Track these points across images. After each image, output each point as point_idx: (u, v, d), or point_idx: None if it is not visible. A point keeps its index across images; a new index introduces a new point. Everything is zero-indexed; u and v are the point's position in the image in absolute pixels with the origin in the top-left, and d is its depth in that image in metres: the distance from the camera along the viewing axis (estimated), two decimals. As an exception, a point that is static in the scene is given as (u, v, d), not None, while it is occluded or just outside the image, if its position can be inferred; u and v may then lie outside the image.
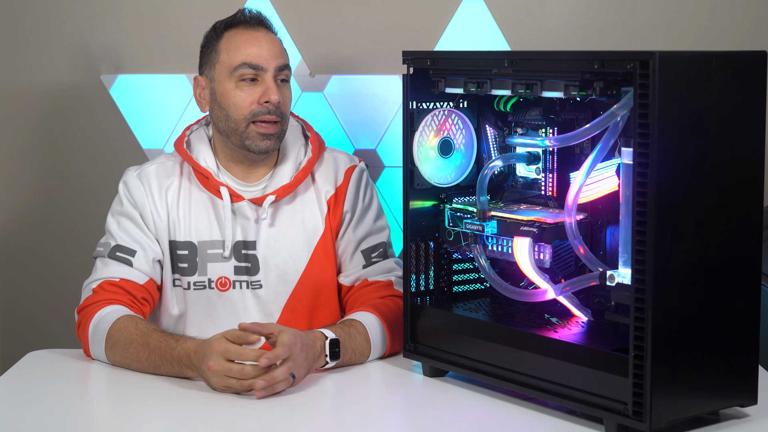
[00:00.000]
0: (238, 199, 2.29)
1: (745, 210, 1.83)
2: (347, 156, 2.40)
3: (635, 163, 1.74)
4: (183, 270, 2.29)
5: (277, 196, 2.29)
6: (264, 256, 2.29)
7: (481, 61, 2.04)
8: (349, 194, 2.34)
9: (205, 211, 2.30)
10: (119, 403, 2.05)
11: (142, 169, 2.34)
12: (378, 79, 2.87)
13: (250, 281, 2.29)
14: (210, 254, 2.29)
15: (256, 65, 2.24)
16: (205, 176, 2.29)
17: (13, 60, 2.92)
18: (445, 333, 2.09)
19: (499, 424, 1.89)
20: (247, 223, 2.29)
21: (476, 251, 2.12)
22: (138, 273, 2.26)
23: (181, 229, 2.29)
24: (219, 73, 2.27)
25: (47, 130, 2.95)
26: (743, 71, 1.80)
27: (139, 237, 2.28)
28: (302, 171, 2.31)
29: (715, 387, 1.82)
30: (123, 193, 2.32)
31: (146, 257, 2.27)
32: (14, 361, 2.28)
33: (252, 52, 2.25)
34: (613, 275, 1.84)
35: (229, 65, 2.25)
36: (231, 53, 2.26)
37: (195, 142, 2.35)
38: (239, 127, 2.25)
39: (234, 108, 2.25)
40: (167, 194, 2.30)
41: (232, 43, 2.27)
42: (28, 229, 2.98)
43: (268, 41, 2.28)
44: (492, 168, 2.10)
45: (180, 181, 2.32)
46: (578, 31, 2.86)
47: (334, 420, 1.96)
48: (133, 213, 2.29)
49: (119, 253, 2.27)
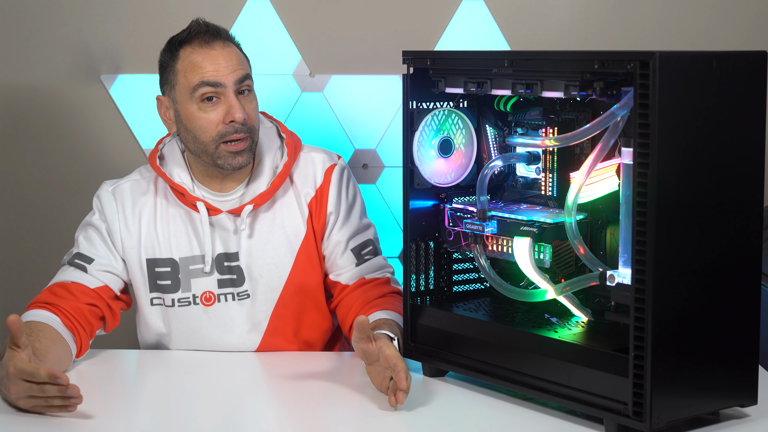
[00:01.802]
0: (216, 212, 2.27)
1: (745, 210, 1.83)
2: (325, 154, 2.36)
3: (635, 163, 1.74)
4: (165, 288, 2.28)
5: (255, 205, 2.27)
6: (247, 266, 2.28)
7: (481, 61, 2.04)
8: (331, 195, 2.31)
9: (183, 227, 2.28)
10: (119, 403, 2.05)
11: (117, 185, 2.32)
12: (378, 79, 2.87)
13: (237, 292, 2.28)
14: (192, 270, 2.27)
15: (215, 82, 2.19)
16: (181, 192, 2.27)
17: (13, 60, 2.92)
18: (445, 333, 2.09)
19: (499, 424, 1.89)
20: (227, 235, 2.28)
21: (476, 251, 2.12)
22: (90, 278, 2.24)
23: (160, 246, 2.27)
24: (180, 95, 2.23)
25: (47, 130, 2.95)
26: (743, 71, 1.80)
27: (101, 248, 2.27)
28: (279, 176, 2.28)
29: (715, 387, 1.82)
30: (95, 205, 2.32)
31: (102, 266, 2.25)
32: (14, 361, 2.28)
33: (209, 70, 2.20)
34: (613, 275, 1.84)
35: (189, 86, 2.20)
36: (188, 74, 2.21)
37: (168, 158, 2.32)
38: (209, 148, 2.22)
39: (200, 131, 2.21)
40: (141, 213, 2.28)
41: (188, 64, 2.21)
42: (27, 228, 2.98)
43: (225, 56, 2.22)
44: (492, 168, 2.10)
45: (155, 199, 2.30)
46: (578, 31, 2.86)
47: (334, 420, 1.96)
48: (100, 225, 2.29)
49: (77, 260, 2.26)
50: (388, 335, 2.09)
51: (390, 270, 2.33)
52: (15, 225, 2.98)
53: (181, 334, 2.29)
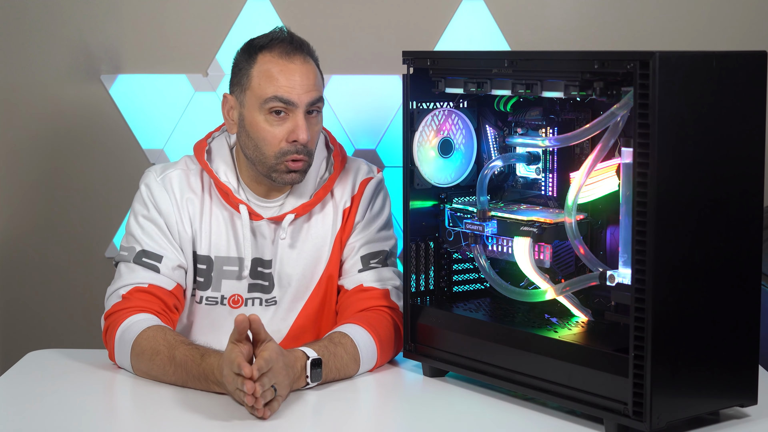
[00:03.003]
0: (258, 218, 2.24)
1: (745, 210, 1.83)
2: (367, 167, 2.34)
3: (635, 163, 1.74)
4: (199, 284, 2.26)
5: (297, 215, 2.25)
6: (279, 273, 2.26)
7: (481, 61, 2.04)
8: (361, 205, 2.29)
9: (224, 227, 2.26)
10: (119, 402, 2.05)
11: (165, 174, 2.27)
12: (378, 79, 2.87)
13: (265, 299, 2.27)
14: (225, 271, 2.25)
15: (288, 100, 2.16)
16: (225, 192, 2.24)
17: (13, 60, 2.92)
18: (445, 333, 2.09)
19: (499, 424, 1.89)
20: (264, 242, 2.26)
21: (476, 251, 2.12)
22: (166, 279, 2.20)
23: (202, 242, 2.25)
24: (249, 101, 2.20)
25: (47, 130, 2.95)
26: (743, 71, 1.80)
27: (164, 243, 2.22)
28: (323, 189, 2.27)
29: (715, 387, 1.82)
30: (147, 196, 2.26)
31: (172, 263, 2.21)
32: (14, 361, 2.28)
33: (284, 85, 2.16)
34: (613, 275, 1.84)
35: (261, 96, 2.17)
36: (263, 83, 2.17)
37: (216, 154, 2.29)
38: (268, 161, 2.19)
39: (263, 142, 2.19)
40: (189, 206, 2.25)
41: (264, 72, 2.17)
42: (27, 228, 2.98)
43: (303, 73, 2.18)
44: (492, 168, 2.10)
45: (202, 194, 2.27)
46: (578, 31, 2.86)
47: (334, 420, 1.96)
48: (158, 219, 2.24)
49: (145, 258, 2.21)
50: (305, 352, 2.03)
51: (395, 284, 2.27)
52: (15, 225, 2.98)
53: (202, 328, 2.27)
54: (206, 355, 2.02)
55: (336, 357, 2.07)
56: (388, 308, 2.22)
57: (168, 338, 2.07)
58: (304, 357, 2.02)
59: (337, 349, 2.08)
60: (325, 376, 2.05)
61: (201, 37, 2.90)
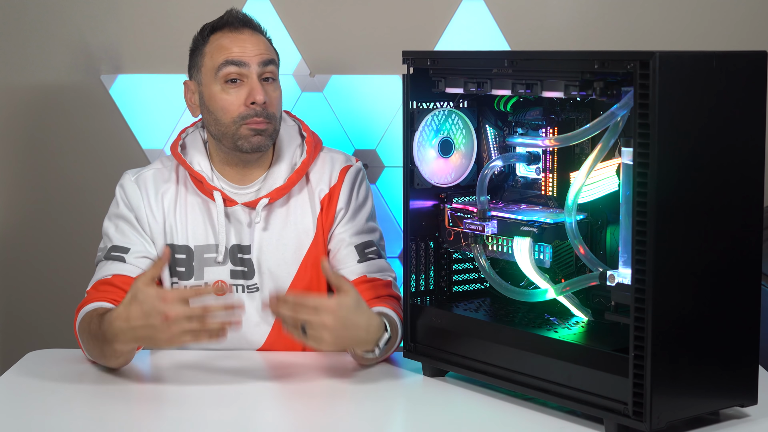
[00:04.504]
0: (232, 203, 2.29)
1: (745, 210, 1.83)
2: (344, 156, 2.39)
3: (635, 163, 1.74)
4: (180, 274, 2.29)
5: (270, 199, 2.28)
6: (258, 260, 2.29)
7: (481, 61, 2.04)
8: (342, 193, 2.32)
9: (201, 215, 2.30)
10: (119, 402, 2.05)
11: (140, 173, 2.34)
12: (378, 79, 2.87)
13: (247, 285, 2.29)
14: (206, 258, 2.29)
15: (239, 61, 2.22)
16: (199, 180, 2.29)
17: (13, 60, 2.92)
18: (445, 333, 2.09)
19: (499, 424, 1.90)
20: (240, 227, 2.29)
21: (476, 251, 2.12)
22: (130, 267, 2.25)
23: (178, 233, 2.29)
24: (205, 77, 2.27)
25: (47, 130, 2.95)
26: (743, 71, 1.80)
27: (134, 237, 2.28)
28: (296, 172, 2.30)
29: (715, 387, 1.82)
30: (120, 196, 2.33)
31: (139, 253, 2.27)
32: (14, 361, 2.28)
33: (235, 51, 2.23)
34: (613, 275, 1.84)
35: (214, 66, 2.24)
36: (215, 54, 2.25)
37: (190, 146, 2.34)
38: (229, 129, 2.24)
39: (222, 111, 2.24)
40: (164, 199, 2.30)
41: (215, 46, 2.26)
42: (27, 228, 2.98)
43: (253, 40, 2.26)
44: (492, 168, 2.10)
45: (176, 187, 2.32)
46: (578, 31, 2.86)
47: (334, 420, 1.96)
48: (128, 215, 2.30)
49: (114, 252, 2.27)
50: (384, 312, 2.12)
51: (393, 275, 2.32)
52: (15, 225, 2.98)
53: None
54: (105, 315, 2.05)
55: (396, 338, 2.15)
56: (395, 298, 2.26)
57: (92, 316, 2.11)
58: (382, 330, 2.09)
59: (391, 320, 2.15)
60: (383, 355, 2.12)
61: (201, 37, 2.90)
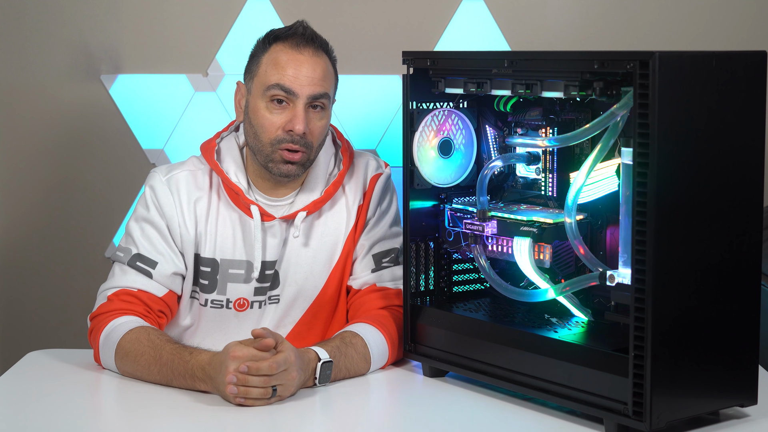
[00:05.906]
0: (269, 218, 2.21)
1: (745, 210, 1.83)
2: (376, 162, 2.32)
3: (635, 163, 1.74)
4: (203, 286, 2.24)
5: (308, 212, 2.23)
6: (285, 272, 2.24)
7: (481, 61, 2.04)
8: (372, 202, 2.28)
9: (231, 229, 2.23)
10: (119, 402, 2.05)
11: (171, 174, 2.24)
12: (378, 79, 2.87)
13: (269, 296, 2.25)
14: (231, 274, 2.23)
15: (288, 89, 2.14)
16: (236, 192, 2.21)
17: (13, 60, 2.92)
18: (445, 333, 2.09)
19: (499, 424, 1.89)
20: (273, 242, 2.23)
21: (476, 251, 2.12)
22: (157, 285, 2.18)
23: (207, 244, 2.22)
24: (255, 87, 2.19)
25: (47, 131, 2.95)
26: (743, 71, 1.80)
27: (163, 248, 2.20)
28: (333, 185, 2.24)
29: (715, 387, 1.82)
30: (150, 198, 2.23)
31: (167, 269, 2.19)
32: (14, 361, 2.28)
33: (289, 75, 2.15)
34: (613, 275, 1.84)
35: (265, 83, 2.16)
36: (269, 70, 2.16)
37: (225, 153, 2.26)
38: (265, 149, 2.17)
39: (261, 129, 2.17)
40: (196, 207, 2.22)
41: (272, 60, 2.17)
42: (28, 228, 2.98)
43: (310, 65, 2.16)
44: (492, 168, 2.10)
45: (209, 194, 2.24)
46: (578, 31, 2.87)
47: (334, 420, 1.96)
48: (159, 222, 2.21)
49: (140, 262, 2.19)
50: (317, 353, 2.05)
51: None
52: (15, 225, 2.98)
53: (207, 330, 2.25)
54: (195, 353, 2.03)
55: (346, 357, 2.08)
56: (399, 307, 2.22)
57: (152, 338, 2.08)
58: (316, 358, 2.04)
59: (347, 349, 2.09)
60: (334, 377, 2.06)
61: (201, 37, 2.90)
